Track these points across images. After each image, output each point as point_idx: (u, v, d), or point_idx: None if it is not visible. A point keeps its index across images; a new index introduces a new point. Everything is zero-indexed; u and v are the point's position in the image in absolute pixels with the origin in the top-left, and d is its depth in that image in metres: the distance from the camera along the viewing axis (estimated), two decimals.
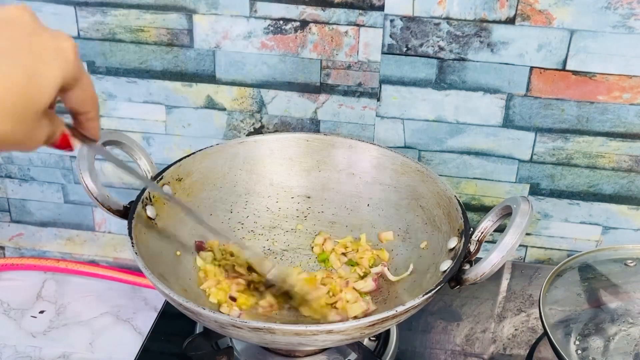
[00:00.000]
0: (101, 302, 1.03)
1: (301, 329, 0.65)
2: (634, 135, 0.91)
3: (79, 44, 0.94)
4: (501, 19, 0.86)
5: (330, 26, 0.89)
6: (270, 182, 0.91)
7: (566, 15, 0.85)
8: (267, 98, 0.95)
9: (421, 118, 0.94)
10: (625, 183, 0.94)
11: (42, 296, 1.04)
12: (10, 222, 1.11)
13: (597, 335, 0.84)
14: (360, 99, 0.94)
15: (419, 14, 0.87)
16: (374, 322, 0.66)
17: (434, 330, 0.89)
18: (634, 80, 0.87)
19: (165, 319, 0.92)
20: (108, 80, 0.97)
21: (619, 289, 0.88)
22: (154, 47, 0.94)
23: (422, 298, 0.68)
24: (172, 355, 0.87)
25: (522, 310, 0.93)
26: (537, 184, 0.96)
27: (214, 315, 0.66)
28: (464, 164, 0.96)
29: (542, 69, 0.88)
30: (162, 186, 0.82)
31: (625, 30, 0.85)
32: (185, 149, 1.00)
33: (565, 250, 1.01)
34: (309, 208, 0.91)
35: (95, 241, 1.10)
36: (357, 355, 0.81)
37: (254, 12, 0.90)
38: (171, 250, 0.81)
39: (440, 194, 0.82)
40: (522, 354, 0.87)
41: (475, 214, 0.99)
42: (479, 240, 0.75)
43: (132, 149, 0.83)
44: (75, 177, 1.05)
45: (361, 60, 0.91)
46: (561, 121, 0.91)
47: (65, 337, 0.97)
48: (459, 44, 0.88)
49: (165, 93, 0.97)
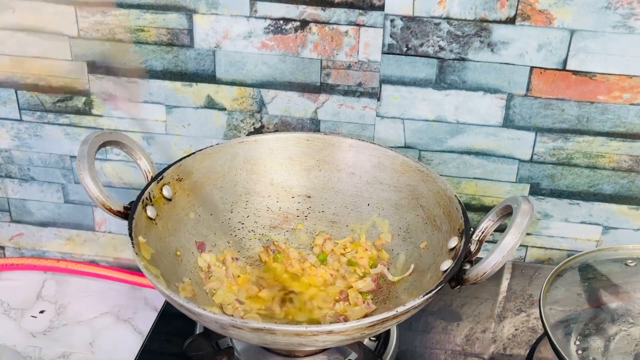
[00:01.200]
0: (101, 302, 1.03)
1: (302, 330, 0.65)
2: (634, 135, 0.91)
3: (79, 44, 0.94)
4: (501, 19, 0.86)
5: (331, 26, 0.89)
6: (271, 182, 0.91)
7: (566, 15, 0.85)
8: (267, 98, 0.95)
9: (421, 118, 0.94)
10: (626, 183, 0.94)
11: (42, 296, 1.04)
12: (10, 222, 1.11)
13: (597, 335, 0.83)
14: (361, 99, 0.94)
15: (419, 14, 0.87)
16: (375, 323, 0.66)
17: (434, 330, 0.89)
18: (634, 80, 0.87)
19: (165, 319, 0.92)
20: (108, 80, 0.97)
21: (619, 289, 0.88)
22: (154, 47, 0.93)
23: (423, 298, 0.68)
24: (172, 355, 0.87)
25: (522, 310, 0.93)
26: (537, 184, 0.96)
27: (214, 316, 0.66)
28: (464, 164, 0.96)
29: (542, 69, 0.88)
30: (162, 186, 0.82)
31: (625, 30, 0.85)
32: (185, 149, 1.00)
33: (566, 250, 1.01)
34: (309, 208, 0.91)
35: (96, 241, 1.10)
36: (358, 355, 0.81)
37: (254, 12, 0.90)
38: (171, 250, 0.81)
39: (441, 193, 0.81)
40: (522, 354, 0.86)
41: (476, 214, 0.99)
42: (480, 240, 0.75)
43: (132, 149, 0.83)
44: (75, 177, 1.05)
45: (361, 60, 0.91)
46: (561, 121, 0.91)
47: (65, 337, 0.97)
48: (459, 44, 0.88)
49: (165, 93, 0.97)
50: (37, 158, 1.04)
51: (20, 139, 1.03)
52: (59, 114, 1.00)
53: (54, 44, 0.95)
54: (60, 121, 1.01)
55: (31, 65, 0.97)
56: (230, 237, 0.88)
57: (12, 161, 1.05)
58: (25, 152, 1.04)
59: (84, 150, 0.77)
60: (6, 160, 1.05)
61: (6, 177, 1.06)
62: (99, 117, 0.99)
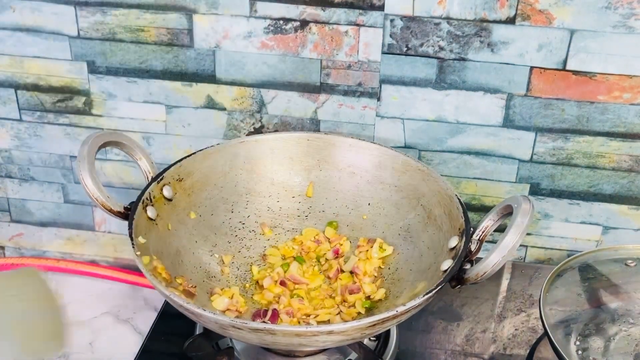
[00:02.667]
0: (101, 302, 1.03)
1: (301, 330, 0.65)
2: (634, 135, 0.91)
3: (79, 44, 0.94)
4: (501, 19, 0.86)
5: (330, 26, 0.89)
6: (271, 182, 0.91)
7: (566, 15, 0.85)
8: (267, 98, 0.95)
9: (421, 118, 0.94)
10: (626, 183, 0.94)
11: None
12: (10, 222, 1.11)
13: (597, 335, 0.83)
14: (361, 99, 0.94)
15: (419, 14, 0.87)
16: (374, 323, 0.66)
17: (434, 330, 0.89)
18: (634, 80, 0.87)
19: (165, 319, 0.92)
20: (108, 80, 0.97)
21: (619, 289, 0.88)
22: (154, 47, 0.93)
23: (423, 298, 0.68)
24: (172, 355, 0.87)
25: (522, 310, 0.93)
26: (537, 184, 0.96)
27: (214, 317, 0.66)
28: (464, 163, 0.96)
29: (542, 69, 0.88)
30: (162, 186, 0.82)
31: (625, 30, 0.85)
32: (185, 149, 1.00)
33: (566, 250, 1.01)
34: (310, 207, 0.91)
35: (95, 241, 1.10)
36: (358, 355, 0.81)
37: (254, 12, 0.90)
38: (172, 251, 0.81)
39: (442, 193, 0.82)
40: (522, 354, 0.86)
41: (476, 214, 0.99)
42: (480, 239, 0.75)
43: (133, 149, 0.83)
44: (75, 177, 1.05)
45: (361, 60, 0.91)
46: (561, 121, 0.91)
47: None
48: (459, 44, 0.88)
49: (165, 93, 0.97)
50: (37, 158, 1.04)
51: (20, 139, 1.03)
52: (59, 114, 1.00)
53: (54, 44, 0.95)
54: (60, 121, 1.01)
55: (31, 65, 0.97)
56: (231, 237, 0.88)
57: (12, 161, 1.05)
58: (25, 152, 1.04)
59: (84, 150, 0.77)
60: (6, 160, 1.05)
61: (6, 177, 1.06)
62: (99, 117, 0.99)
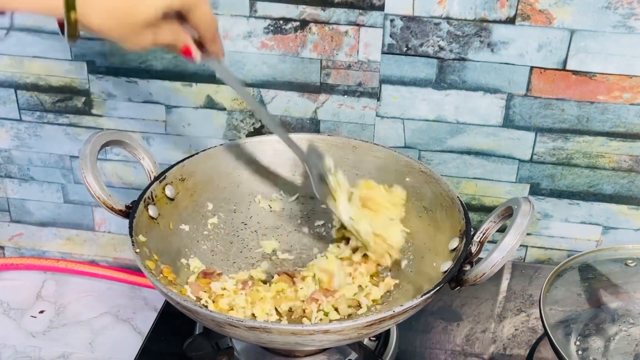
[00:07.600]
0: (101, 302, 1.03)
1: (297, 329, 0.65)
2: (634, 135, 0.91)
3: (79, 44, 0.94)
4: (501, 19, 0.86)
5: (330, 26, 0.89)
6: (274, 183, 0.91)
7: (566, 15, 0.85)
8: (267, 98, 0.95)
9: (421, 118, 0.94)
10: (626, 183, 0.94)
11: (42, 296, 1.04)
12: (10, 222, 1.11)
13: (597, 335, 0.83)
14: (360, 99, 0.94)
15: (419, 14, 0.87)
16: (372, 322, 0.66)
17: (434, 330, 0.89)
18: (634, 80, 0.87)
19: (165, 319, 0.92)
20: (108, 80, 0.96)
21: (619, 289, 0.88)
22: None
23: (421, 299, 0.67)
24: (172, 355, 0.87)
25: (522, 310, 0.93)
26: (537, 184, 0.96)
27: (211, 314, 0.66)
28: (464, 163, 0.96)
29: (542, 69, 0.88)
30: (165, 185, 0.82)
31: (625, 30, 0.85)
32: (185, 148, 1.00)
33: (566, 250, 1.01)
34: (312, 209, 0.91)
35: (95, 241, 1.10)
36: (358, 355, 0.81)
37: (254, 12, 0.90)
38: (172, 250, 0.81)
39: (443, 194, 0.81)
40: (522, 354, 0.86)
41: (476, 214, 0.99)
42: (481, 241, 0.75)
43: (135, 148, 0.83)
44: (75, 177, 1.05)
45: (361, 60, 0.91)
46: (561, 121, 0.91)
47: (65, 337, 0.97)
48: (459, 44, 0.88)
49: (165, 93, 0.97)
50: (37, 158, 1.04)
51: (20, 139, 1.03)
52: (59, 114, 1.00)
53: (54, 44, 0.95)
54: (60, 121, 1.01)
55: (31, 65, 0.97)
56: (233, 237, 0.88)
57: (12, 161, 1.05)
58: (25, 152, 1.04)
59: (87, 149, 0.77)
60: (6, 160, 1.05)
61: (6, 177, 1.06)
62: (99, 117, 0.99)
